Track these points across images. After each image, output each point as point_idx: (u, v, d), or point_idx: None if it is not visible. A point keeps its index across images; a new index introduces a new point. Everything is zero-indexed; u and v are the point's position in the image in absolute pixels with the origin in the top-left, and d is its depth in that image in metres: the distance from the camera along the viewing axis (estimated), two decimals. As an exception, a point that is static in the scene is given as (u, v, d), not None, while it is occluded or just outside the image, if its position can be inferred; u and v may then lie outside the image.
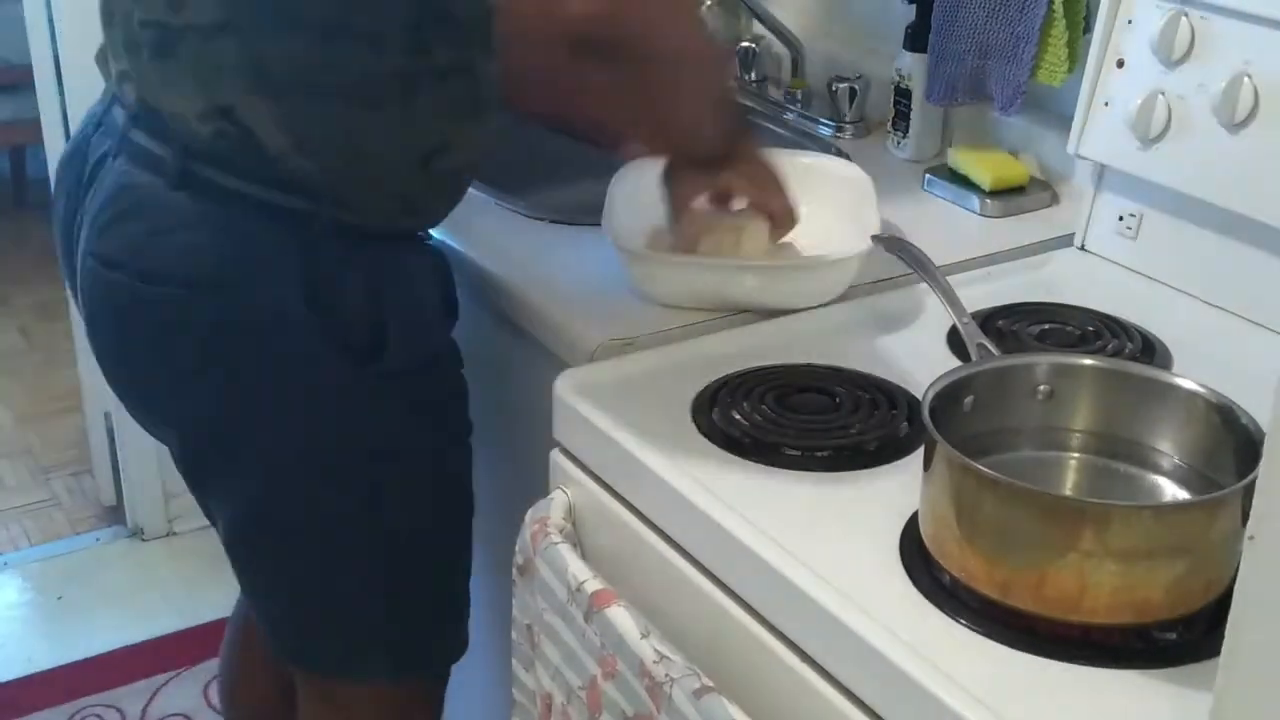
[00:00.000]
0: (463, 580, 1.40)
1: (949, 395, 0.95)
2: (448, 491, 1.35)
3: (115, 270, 1.20)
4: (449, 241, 1.42)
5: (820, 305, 1.28)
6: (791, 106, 1.82)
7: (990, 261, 1.40)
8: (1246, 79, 1.21)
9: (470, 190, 1.52)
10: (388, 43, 1.14)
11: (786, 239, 1.34)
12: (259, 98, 1.13)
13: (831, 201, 1.40)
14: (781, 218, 1.32)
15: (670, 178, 1.32)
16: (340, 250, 1.18)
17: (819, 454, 1.05)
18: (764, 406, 1.10)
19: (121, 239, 1.19)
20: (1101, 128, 1.35)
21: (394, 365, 1.22)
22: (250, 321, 1.17)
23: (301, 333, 1.18)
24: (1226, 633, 0.66)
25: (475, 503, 1.37)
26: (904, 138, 1.66)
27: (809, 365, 1.17)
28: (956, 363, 1.15)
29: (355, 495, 1.26)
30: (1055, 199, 1.53)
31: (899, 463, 1.04)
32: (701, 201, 1.32)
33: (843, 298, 1.29)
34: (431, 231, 1.35)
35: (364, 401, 1.22)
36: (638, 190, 1.36)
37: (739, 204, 1.32)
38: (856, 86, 1.73)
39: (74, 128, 2.33)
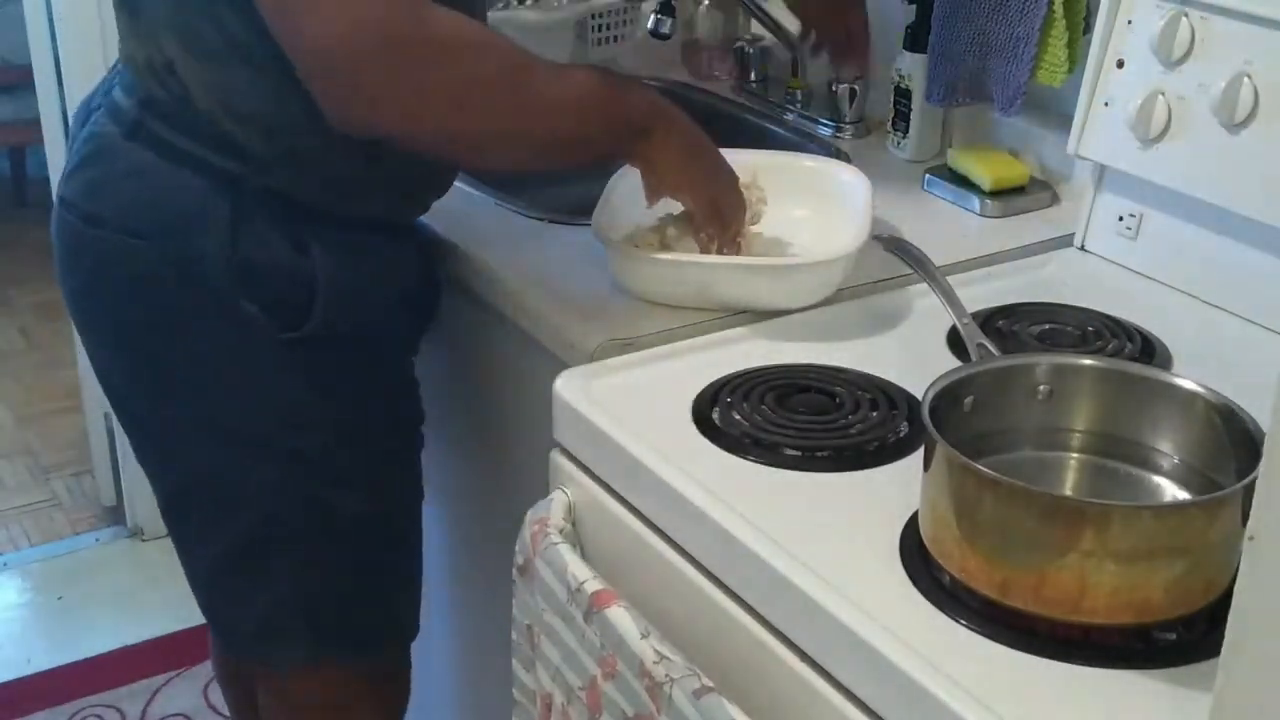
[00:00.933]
0: (406, 562, 1.40)
1: (949, 395, 0.95)
2: (386, 474, 1.35)
3: (69, 212, 1.26)
4: (449, 241, 1.42)
5: (805, 308, 1.27)
6: (791, 107, 1.82)
7: (990, 262, 1.40)
8: (1246, 79, 1.22)
9: (470, 190, 1.53)
10: None
11: (774, 241, 1.34)
12: (193, 59, 1.18)
13: (827, 204, 1.40)
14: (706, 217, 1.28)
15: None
16: (274, 214, 1.21)
17: (819, 454, 1.05)
18: (764, 407, 1.10)
19: (78, 183, 1.26)
20: (1101, 128, 1.35)
21: (315, 332, 1.23)
22: (174, 271, 1.21)
23: (222, 288, 1.21)
24: (1226, 633, 0.65)
25: (468, 503, 1.37)
26: (904, 138, 1.66)
27: (809, 365, 1.17)
28: (956, 363, 1.15)
29: (271, 463, 1.27)
30: (1055, 199, 1.53)
31: (899, 463, 1.04)
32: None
33: (843, 298, 1.29)
34: (422, 226, 1.36)
35: (282, 366, 1.24)
36: (636, 188, 1.36)
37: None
38: (856, 87, 1.73)
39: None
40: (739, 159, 1.34)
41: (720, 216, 1.27)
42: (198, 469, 1.30)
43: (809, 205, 1.42)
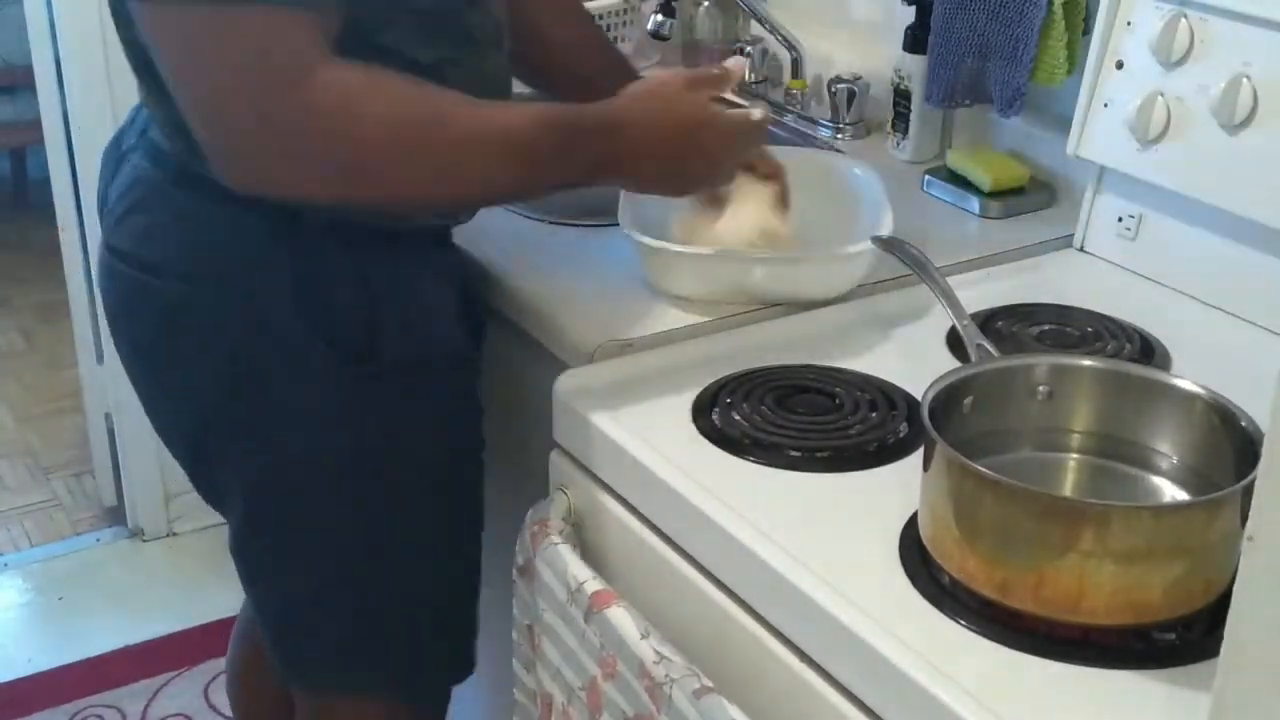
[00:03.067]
0: (469, 599, 1.37)
1: (948, 396, 0.96)
2: (452, 505, 1.32)
3: (122, 261, 1.23)
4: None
5: (832, 301, 1.28)
6: (791, 108, 1.83)
7: (990, 262, 1.40)
8: (1245, 80, 1.22)
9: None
10: (344, 42, 1.10)
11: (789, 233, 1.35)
12: None
13: (839, 198, 1.41)
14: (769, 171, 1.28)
15: None
16: (330, 248, 1.18)
17: (819, 454, 1.05)
18: (764, 407, 1.10)
19: (129, 231, 1.22)
20: (1101, 129, 1.36)
21: (386, 364, 1.21)
22: (240, 317, 1.19)
23: (290, 329, 1.18)
24: (1225, 633, 0.66)
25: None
26: (903, 139, 1.67)
27: (809, 366, 1.17)
28: (956, 363, 1.15)
29: (346, 498, 1.24)
30: (1054, 200, 1.53)
31: (898, 463, 1.04)
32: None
33: (843, 298, 1.29)
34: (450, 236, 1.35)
35: (354, 401, 1.21)
36: None
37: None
38: (856, 88, 1.73)
39: (75, 129, 2.35)
40: None
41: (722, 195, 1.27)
42: (271, 515, 1.27)
43: (820, 200, 1.43)
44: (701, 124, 1.19)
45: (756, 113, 1.24)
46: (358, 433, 1.22)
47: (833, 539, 0.96)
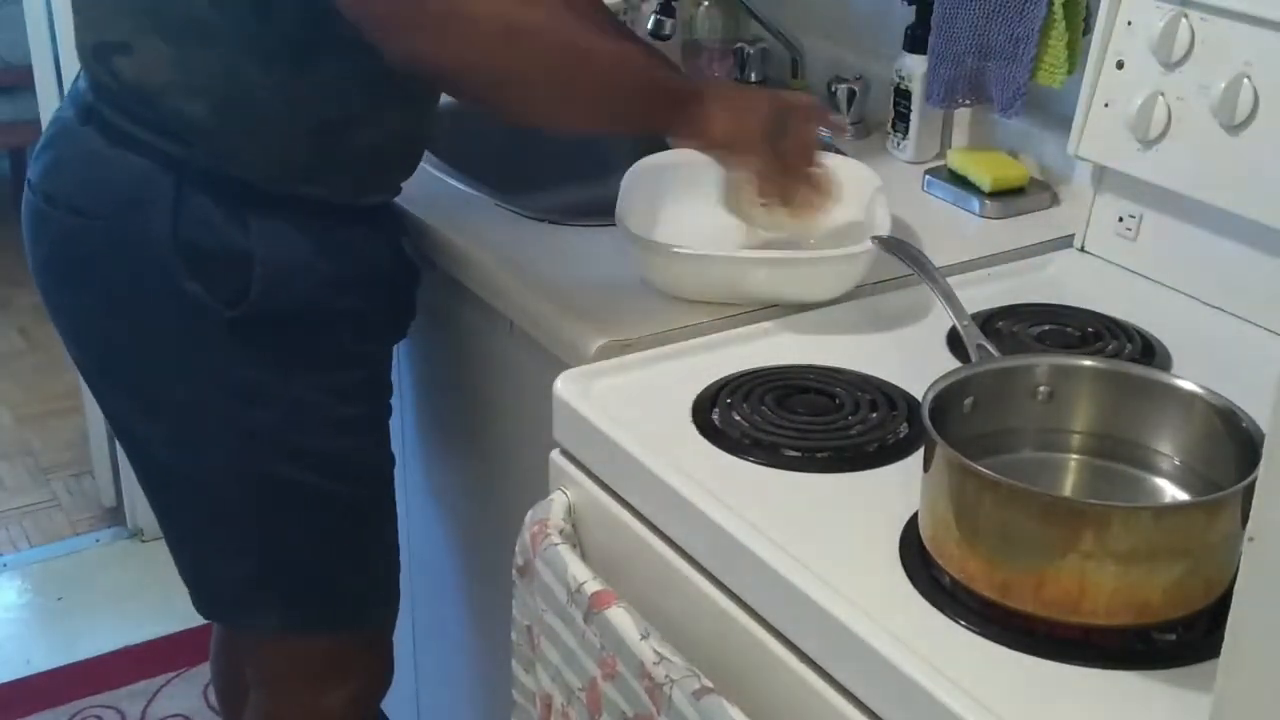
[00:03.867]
0: (377, 533, 1.42)
1: (949, 396, 0.95)
2: (345, 448, 1.36)
3: (32, 192, 1.31)
4: (450, 240, 1.42)
5: (831, 301, 1.28)
6: (791, 107, 1.82)
7: (990, 262, 1.40)
8: (1246, 80, 1.22)
9: (470, 191, 1.53)
10: (274, 8, 1.19)
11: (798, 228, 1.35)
12: (150, 36, 1.20)
13: (854, 203, 1.41)
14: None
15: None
16: (214, 196, 1.23)
17: (819, 455, 1.05)
18: (764, 407, 1.10)
19: (41, 166, 1.31)
20: (1101, 129, 1.35)
21: (254, 310, 1.25)
22: (123, 253, 1.25)
23: (166, 268, 1.23)
24: (1226, 634, 0.66)
25: (468, 503, 1.38)
26: (904, 139, 1.66)
27: (809, 366, 1.17)
28: (956, 364, 1.15)
29: (231, 434, 1.29)
30: (1055, 200, 1.53)
31: (899, 464, 1.04)
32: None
33: (842, 298, 1.29)
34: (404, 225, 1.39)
35: (229, 344, 1.26)
36: (652, 183, 1.37)
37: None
38: (856, 88, 1.73)
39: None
40: None
41: (783, 165, 1.29)
42: (157, 448, 1.34)
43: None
44: (769, 101, 1.29)
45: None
46: (232, 375, 1.28)
47: (833, 539, 0.96)
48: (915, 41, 1.62)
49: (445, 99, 1.35)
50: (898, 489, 1.00)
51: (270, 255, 1.25)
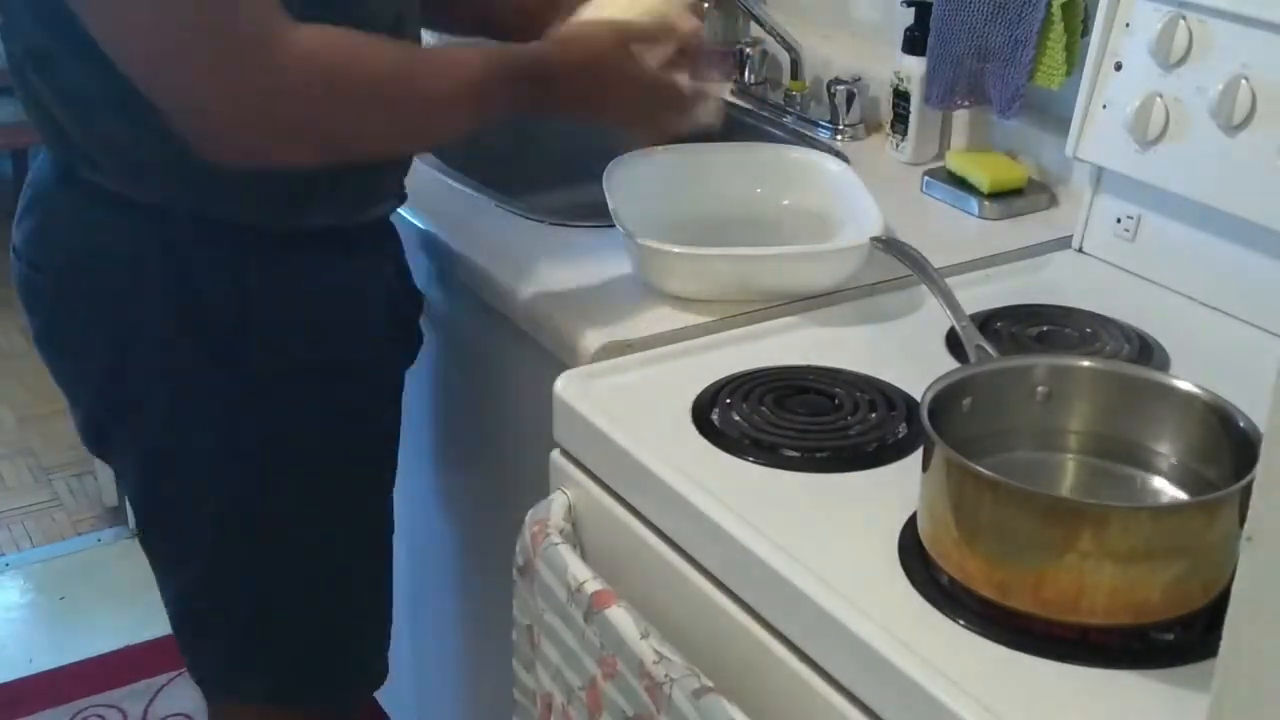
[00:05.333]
0: (370, 606, 1.37)
1: (947, 397, 0.96)
2: (344, 513, 1.30)
3: (18, 258, 1.26)
4: (450, 241, 1.42)
5: (830, 301, 1.29)
6: (790, 109, 1.83)
7: (989, 263, 1.41)
8: (1244, 81, 1.22)
9: (470, 192, 1.53)
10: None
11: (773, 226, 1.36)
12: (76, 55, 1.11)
13: (827, 195, 1.42)
14: None
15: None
16: (205, 248, 1.17)
17: (818, 455, 1.05)
18: (763, 408, 1.10)
19: (22, 230, 1.26)
20: (1099, 130, 1.36)
21: (253, 369, 1.20)
22: (112, 317, 1.20)
23: (160, 329, 1.19)
24: (1224, 634, 0.66)
25: (468, 503, 1.36)
26: (903, 140, 1.67)
27: (808, 366, 1.17)
28: (955, 364, 1.15)
29: (224, 499, 1.24)
30: (1053, 201, 1.54)
31: (898, 464, 1.04)
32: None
33: (842, 299, 1.30)
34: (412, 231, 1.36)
35: (219, 402, 1.21)
36: (636, 183, 1.37)
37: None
38: (855, 89, 1.73)
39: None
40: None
41: (661, 123, 1.28)
42: (155, 508, 1.29)
43: (796, 195, 1.44)
44: (620, 80, 1.23)
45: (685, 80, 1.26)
46: (227, 434, 1.22)
47: (832, 539, 0.96)
48: (914, 43, 1.62)
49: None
50: (897, 489, 1.00)
51: (270, 315, 1.20)
